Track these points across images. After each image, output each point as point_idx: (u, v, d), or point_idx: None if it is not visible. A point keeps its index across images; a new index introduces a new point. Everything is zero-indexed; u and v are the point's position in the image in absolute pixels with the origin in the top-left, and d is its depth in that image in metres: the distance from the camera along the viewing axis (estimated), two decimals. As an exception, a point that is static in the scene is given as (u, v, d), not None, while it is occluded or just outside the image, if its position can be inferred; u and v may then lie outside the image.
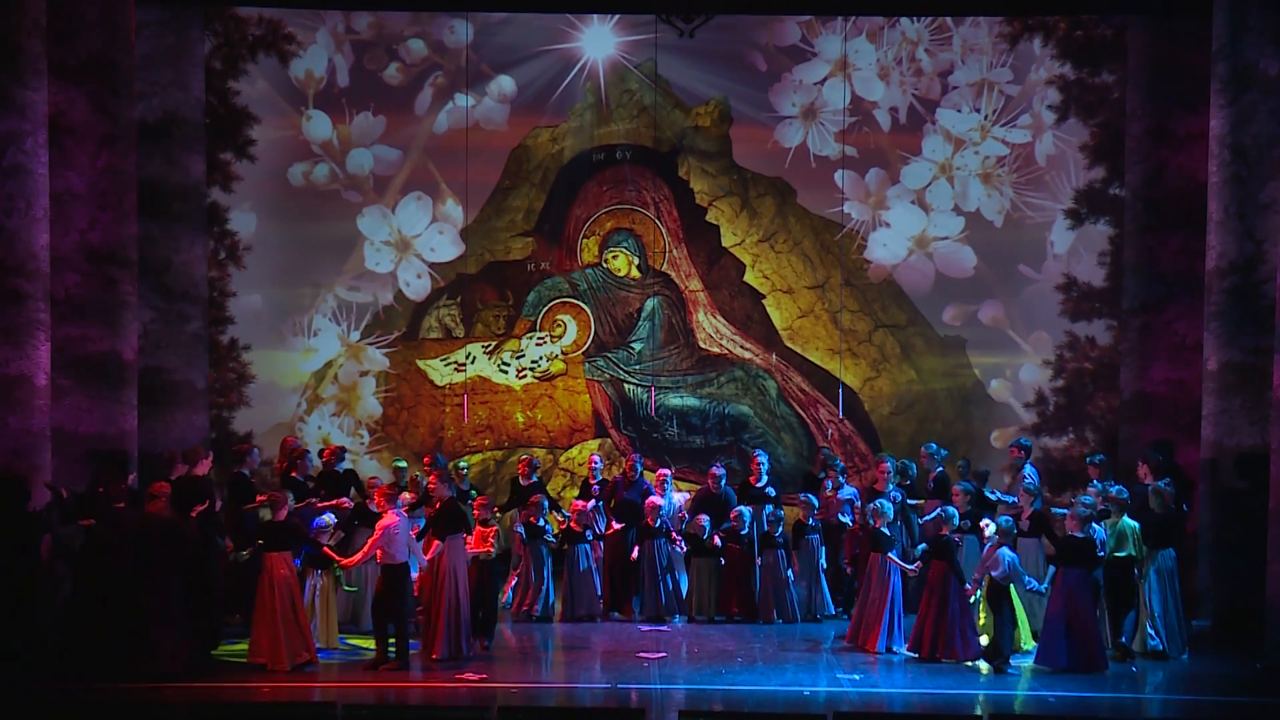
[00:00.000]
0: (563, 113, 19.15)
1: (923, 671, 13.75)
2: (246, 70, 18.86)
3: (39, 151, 14.45)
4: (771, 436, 19.09)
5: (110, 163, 16.15)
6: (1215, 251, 15.91)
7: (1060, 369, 19.09)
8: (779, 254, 19.24)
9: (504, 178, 19.23)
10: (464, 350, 19.20)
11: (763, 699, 12.78)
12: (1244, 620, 15.22)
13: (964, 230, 19.14)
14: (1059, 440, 19.01)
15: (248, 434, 18.85)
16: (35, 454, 14.36)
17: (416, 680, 13.35)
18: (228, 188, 18.90)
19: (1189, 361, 17.51)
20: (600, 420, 19.18)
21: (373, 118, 19.05)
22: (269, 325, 19.08)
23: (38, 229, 14.44)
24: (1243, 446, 15.57)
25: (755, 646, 14.76)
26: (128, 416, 16.39)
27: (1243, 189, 15.67)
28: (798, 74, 19.10)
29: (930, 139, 19.11)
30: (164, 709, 10.99)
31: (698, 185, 19.20)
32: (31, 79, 14.38)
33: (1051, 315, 19.09)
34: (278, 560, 13.81)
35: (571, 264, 19.30)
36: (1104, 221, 18.95)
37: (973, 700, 12.85)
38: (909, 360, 19.25)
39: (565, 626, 15.75)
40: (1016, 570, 13.83)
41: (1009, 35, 18.99)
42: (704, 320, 19.26)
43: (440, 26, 19.03)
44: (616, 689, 12.99)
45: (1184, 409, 17.59)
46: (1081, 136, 18.97)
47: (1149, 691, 13.28)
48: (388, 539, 13.69)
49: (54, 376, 14.86)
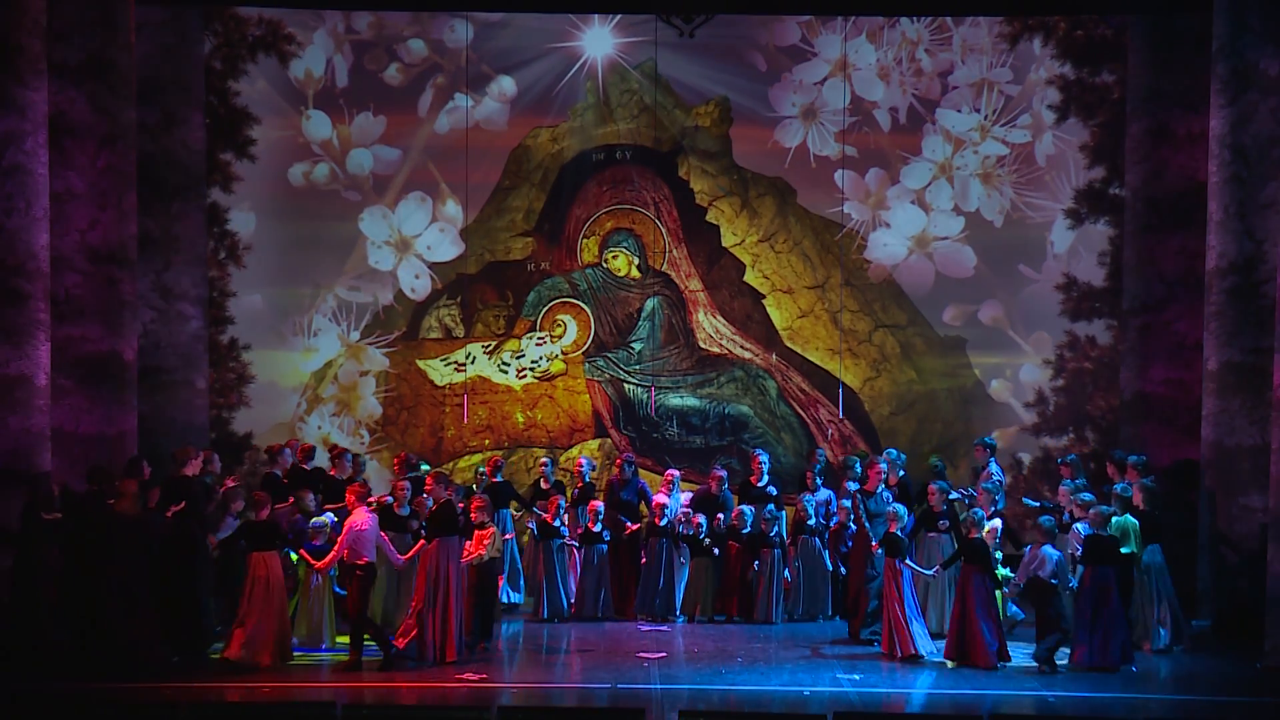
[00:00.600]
0: (563, 113, 19.14)
1: (922, 671, 13.75)
2: (246, 70, 18.85)
3: (39, 151, 14.46)
4: (771, 436, 19.08)
5: (110, 163, 16.16)
6: (1215, 251, 15.91)
7: (1060, 369, 19.08)
8: (779, 254, 19.24)
9: (504, 178, 19.23)
10: (464, 350, 19.20)
11: (763, 699, 12.79)
12: (1244, 620, 15.22)
13: (964, 230, 19.14)
14: (1059, 441, 18.99)
15: (247, 434, 18.86)
16: (35, 454, 14.37)
17: (416, 680, 13.35)
18: (228, 188, 18.89)
19: (1189, 361, 17.50)
20: (600, 420, 19.18)
21: (373, 118, 19.04)
22: (269, 325, 19.07)
23: (38, 229, 14.45)
24: (1243, 446, 15.57)
25: (755, 646, 14.76)
26: (128, 416, 16.40)
27: (1243, 189, 15.67)
28: (798, 74, 19.09)
29: (930, 139, 19.11)
30: (164, 709, 10.99)
31: (698, 185, 19.20)
32: (31, 79, 14.39)
33: (1051, 315, 19.08)
34: (258, 560, 13.84)
35: (571, 264, 19.30)
36: (1104, 221, 18.94)
37: (973, 700, 12.85)
38: (909, 360, 19.24)
39: (565, 626, 15.76)
40: (1063, 567, 13.88)
41: (1009, 35, 18.98)
42: (704, 320, 19.26)
43: (440, 26, 19.01)
44: (616, 689, 12.99)
45: (1184, 409, 17.58)
46: (1081, 136, 18.96)
47: (1149, 691, 13.28)
48: (354, 538, 13.71)
49: (54, 376, 14.87)
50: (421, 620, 13.80)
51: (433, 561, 13.83)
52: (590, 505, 16.25)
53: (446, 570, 13.86)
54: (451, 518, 14.03)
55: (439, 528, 13.95)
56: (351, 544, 13.72)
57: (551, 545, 16.00)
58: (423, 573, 13.90)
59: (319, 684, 13.26)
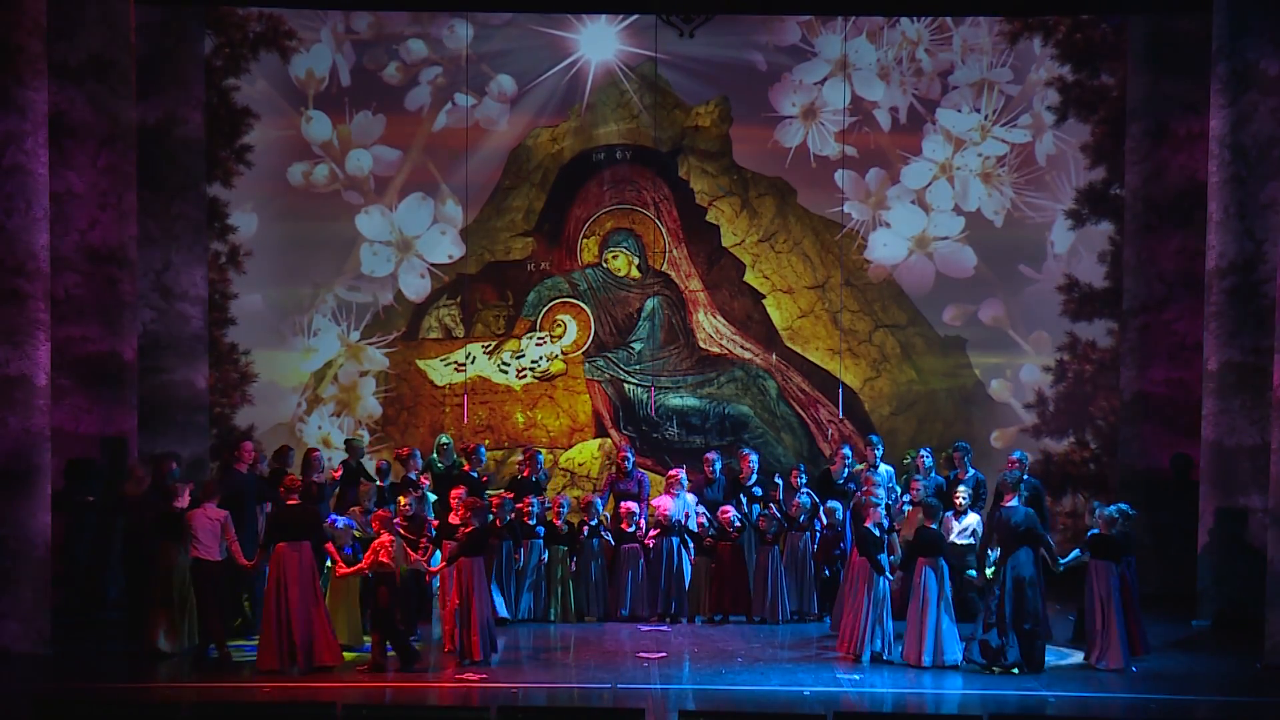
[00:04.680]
0: (563, 113, 19.15)
1: (923, 672, 13.75)
2: (248, 69, 18.85)
3: (39, 151, 14.45)
4: (771, 436, 19.09)
5: (110, 163, 16.17)
6: (1215, 251, 15.91)
7: (1061, 369, 19.08)
8: (779, 254, 19.24)
9: (504, 178, 19.23)
10: (464, 350, 19.20)
11: (763, 699, 12.79)
12: (1244, 620, 15.22)
13: (964, 230, 19.14)
14: (1060, 443, 18.99)
15: (249, 428, 18.85)
16: (35, 454, 14.37)
17: (416, 680, 13.35)
18: (228, 186, 18.90)
19: (1189, 361, 17.51)
20: (600, 420, 19.18)
21: (372, 117, 19.05)
22: (269, 325, 19.07)
23: (38, 229, 14.44)
24: (1243, 446, 15.57)
25: (755, 646, 14.76)
26: (128, 416, 16.41)
27: (1243, 189, 15.67)
28: (798, 74, 19.09)
29: (930, 139, 19.11)
30: (164, 709, 11.00)
31: (698, 185, 19.20)
32: (31, 79, 14.38)
33: (1052, 315, 19.08)
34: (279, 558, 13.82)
35: (571, 264, 19.30)
36: (1104, 221, 18.94)
37: (973, 700, 12.85)
38: (909, 360, 19.24)
39: (565, 627, 15.75)
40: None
41: (1009, 34, 18.98)
42: (704, 320, 19.26)
43: (440, 26, 19.02)
44: (616, 689, 12.99)
45: (1184, 409, 17.59)
46: (1082, 136, 18.96)
47: (1149, 691, 13.28)
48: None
49: (54, 376, 14.87)
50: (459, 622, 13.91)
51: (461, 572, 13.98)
52: (623, 507, 16.15)
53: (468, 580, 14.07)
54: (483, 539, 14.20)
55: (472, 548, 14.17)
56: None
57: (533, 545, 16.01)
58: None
59: (319, 684, 13.25)
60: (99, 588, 15.93)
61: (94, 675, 13.45)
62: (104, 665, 13.96)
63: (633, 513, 16.02)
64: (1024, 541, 13.65)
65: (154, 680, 13.17)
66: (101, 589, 15.95)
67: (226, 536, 14.01)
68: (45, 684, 13.11)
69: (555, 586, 15.97)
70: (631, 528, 16.01)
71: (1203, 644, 15.12)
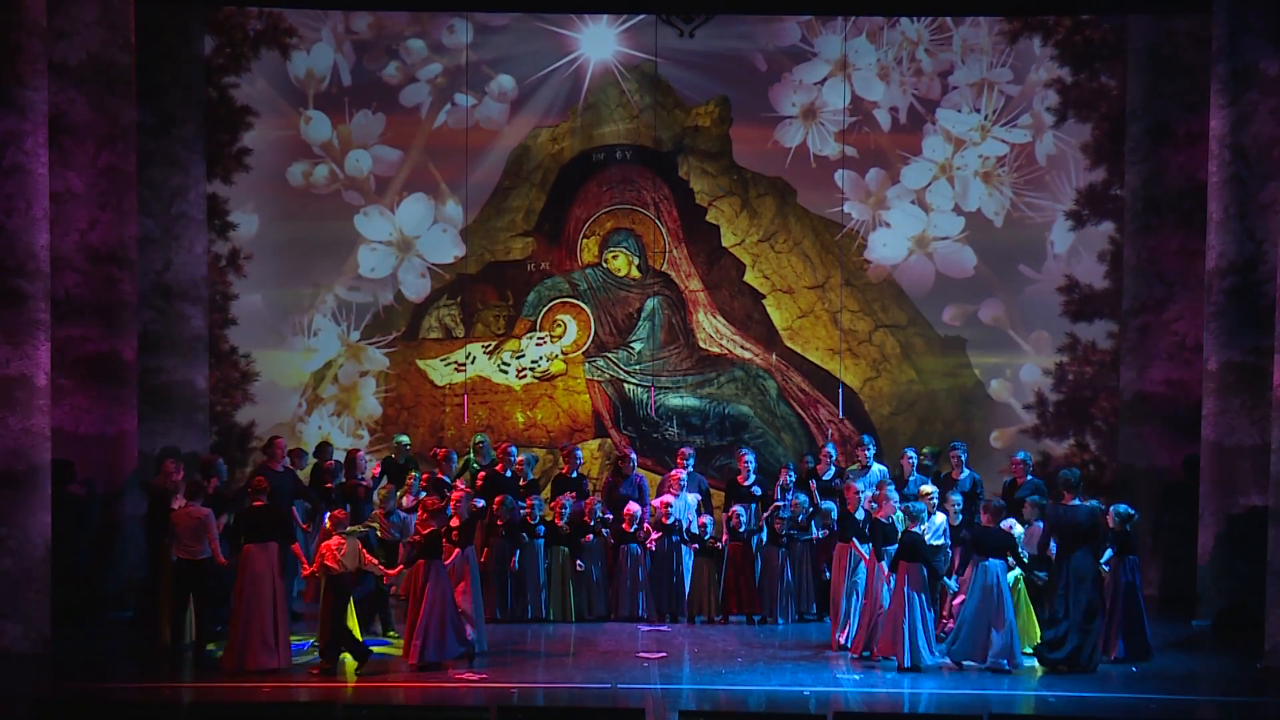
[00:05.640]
0: (563, 113, 19.15)
1: (923, 672, 13.75)
2: (248, 68, 18.84)
3: (39, 151, 14.46)
4: (771, 436, 19.09)
5: (110, 163, 16.17)
6: (1215, 251, 15.91)
7: (1060, 369, 19.08)
8: (779, 254, 19.24)
9: (504, 178, 19.23)
10: (464, 350, 19.20)
11: (763, 699, 12.79)
12: (1244, 620, 15.23)
13: (964, 230, 19.13)
14: (1060, 444, 18.98)
15: (250, 424, 18.85)
16: (35, 454, 14.37)
17: (416, 680, 13.35)
18: (228, 183, 18.90)
19: (1189, 361, 17.51)
20: (600, 420, 19.18)
21: (372, 117, 19.04)
22: (269, 325, 19.07)
23: (38, 229, 14.45)
24: (1243, 446, 15.58)
25: (755, 647, 14.76)
26: (128, 416, 16.40)
27: (1243, 189, 15.68)
28: (798, 74, 19.09)
29: (930, 139, 19.11)
30: (164, 709, 11.00)
31: (698, 185, 19.19)
32: (31, 79, 14.39)
33: (1052, 315, 19.07)
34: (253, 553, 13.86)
35: (571, 264, 19.30)
36: (1104, 222, 18.94)
37: (973, 700, 12.85)
38: (909, 360, 19.24)
39: (565, 627, 15.76)
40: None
41: (1009, 34, 18.98)
42: (704, 320, 19.26)
43: (440, 26, 19.02)
44: (616, 689, 12.99)
45: (1184, 409, 17.59)
46: (1082, 137, 18.95)
47: (1149, 691, 13.28)
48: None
49: (54, 376, 14.88)
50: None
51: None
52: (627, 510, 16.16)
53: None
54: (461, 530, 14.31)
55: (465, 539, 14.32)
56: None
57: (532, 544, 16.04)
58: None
59: (319, 684, 13.26)
60: (99, 587, 15.95)
61: (94, 675, 13.47)
62: (104, 665, 13.99)
63: (634, 515, 16.03)
64: (1087, 540, 13.74)
65: (154, 680, 13.17)
66: (101, 588, 15.98)
67: (208, 536, 14.03)
68: (45, 684, 13.12)
69: (555, 586, 15.99)
70: (633, 528, 16.01)
71: (1203, 644, 15.12)
